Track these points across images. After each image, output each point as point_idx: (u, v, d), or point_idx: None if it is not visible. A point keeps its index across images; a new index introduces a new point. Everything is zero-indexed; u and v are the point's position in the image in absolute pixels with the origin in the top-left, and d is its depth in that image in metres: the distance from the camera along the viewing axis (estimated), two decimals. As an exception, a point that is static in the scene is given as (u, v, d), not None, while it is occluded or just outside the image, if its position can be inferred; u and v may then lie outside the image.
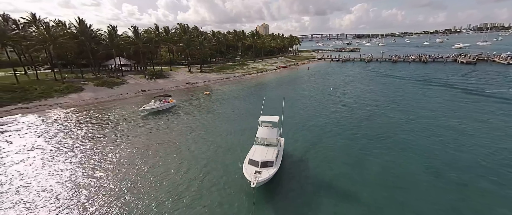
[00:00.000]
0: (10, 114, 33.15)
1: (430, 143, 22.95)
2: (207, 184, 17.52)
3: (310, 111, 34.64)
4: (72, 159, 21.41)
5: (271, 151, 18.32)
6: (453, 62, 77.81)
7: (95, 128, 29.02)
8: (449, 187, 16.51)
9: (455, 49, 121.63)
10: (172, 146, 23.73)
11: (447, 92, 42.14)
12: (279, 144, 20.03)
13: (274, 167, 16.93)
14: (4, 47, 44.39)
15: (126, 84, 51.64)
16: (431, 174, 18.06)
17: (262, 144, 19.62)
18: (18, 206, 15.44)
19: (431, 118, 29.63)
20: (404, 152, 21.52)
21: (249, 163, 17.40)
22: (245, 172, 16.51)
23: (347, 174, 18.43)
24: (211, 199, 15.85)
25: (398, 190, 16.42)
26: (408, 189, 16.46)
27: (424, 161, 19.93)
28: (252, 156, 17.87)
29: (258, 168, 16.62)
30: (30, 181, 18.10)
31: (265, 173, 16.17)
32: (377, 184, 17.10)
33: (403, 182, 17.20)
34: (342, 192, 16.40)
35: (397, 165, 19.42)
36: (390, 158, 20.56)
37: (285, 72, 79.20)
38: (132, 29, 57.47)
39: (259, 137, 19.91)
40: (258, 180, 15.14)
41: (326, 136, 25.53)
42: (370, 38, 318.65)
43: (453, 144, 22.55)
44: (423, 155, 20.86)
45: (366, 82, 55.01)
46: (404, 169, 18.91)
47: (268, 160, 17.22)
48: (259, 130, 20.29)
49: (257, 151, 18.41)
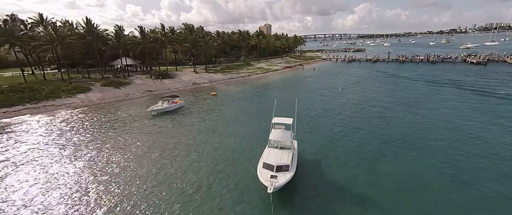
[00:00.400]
0: (19, 114, 33.11)
1: (447, 146, 22.22)
2: (219, 187, 17.10)
3: (320, 111, 34.03)
4: (82, 160, 21.14)
5: (286, 154, 17.75)
6: (463, 63, 76.40)
7: (103, 128, 28.79)
8: (469, 191, 15.91)
9: (463, 49, 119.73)
10: (182, 148, 23.34)
11: (459, 93, 41.21)
12: (293, 146, 19.49)
13: (290, 172, 16.39)
14: (12, 47, 44.48)
15: (133, 85, 51.51)
16: (450, 178, 17.45)
17: (275, 146, 19.05)
18: (28, 206, 15.16)
19: (445, 119, 28.85)
20: (420, 154, 20.86)
21: (264, 167, 16.85)
22: (260, 176, 16.00)
23: (364, 177, 17.87)
24: (225, 203, 15.40)
25: (416, 194, 15.86)
26: (426, 194, 15.87)
27: (442, 164, 19.26)
28: (266, 159, 17.31)
29: (274, 172, 16.08)
30: (40, 181, 17.85)
31: (281, 177, 15.63)
32: (395, 188, 16.53)
33: (421, 186, 16.61)
34: (360, 196, 15.81)
35: (414, 168, 18.80)
36: (406, 160, 19.96)
37: (291, 72, 78.59)
38: (139, 29, 57.34)
39: (272, 140, 19.35)
40: (275, 185, 14.62)
41: (338, 137, 24.94)
42: (374, 38, 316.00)
43: (470, 147, 21.81)
44: (440, 158, 20.16)
45: (375, 82, 54.16)
46: (421, 172, 18.29)
47: (284, 163, 16.67)
48: (272, 132, 19.73)
49: (271, 154, 17.84)
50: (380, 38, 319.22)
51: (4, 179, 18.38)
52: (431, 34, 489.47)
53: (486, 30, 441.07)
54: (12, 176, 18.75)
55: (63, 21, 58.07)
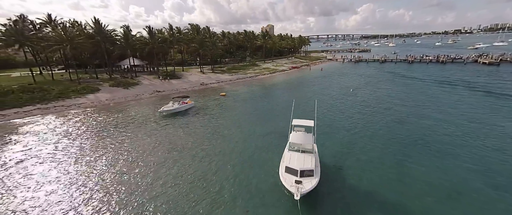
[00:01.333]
0: (30, 115, 32.83)
1: (475, 149, 21.34)
2: (240, 190, 16.46)
3: (333, 112, 33.27)
4: (96, 160, 20.65)
5: (309, 159, 17.01)
6: (474, 63, 74.96)
7: (115, 129, 28.34)
8: (504, 197, 15.07)
9: (472, 49, 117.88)
10: (196, 149, 22.73)
11: (475, 95, 40.10)
12: (314, 150, 18.78)
13: (316, 177, 15.66)
14: (22, 48, 44.38)
15: (141, 85, 51.20)
16: (483, 184, 16.58)
17: (296, 150, 18.33)
18: (40, 205, 14.68)
19: (467, 121, 27.91)
20: (446, 158, 20.02)
21: (287, 171, 16.14)
22: (284, 182, 15.31)
23: (390, 182, 17.11)
24: (249, 207, 14.75)
25: (449, 200, 15.08)
26: (459, 200, 15.10)
27: (471, 169, 18.42)
28: (288, 163, 16.57)
29: (298, 177, 15.38)
30: (52, 180, 17.43)
31: (307, 183, 14.88)
32: (424, 193, 15.76)
33: (453, 192, 15.82)
34: (389, 202, 15.06)
35: (442, 173, 17.97)
36: (432, 164, 19.13)
37: (298, 73, 77.82)
38: (147, 29, 57.06)
39: (292, 142, 18.67)
40: (301, 192, 13.93)
41: (356, 140, 24.16)
42: (379, 38, 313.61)
43: (500, 151, 20.91)
44: (468, 162, 19.32)
45: (386, 83, 53.17)
46: (450, 177, 17.46)
47: (308, 168, 15.95)
48: (292, 135, 19.04)
49: (293, 158, 17.08)
50: (385, 39, 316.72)
51: (17, 178, 17.95)
52: (436, 34, 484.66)
53: (491, 30, 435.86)
54: (26, 177, 18.30)
55: (71, 21, 58.03)
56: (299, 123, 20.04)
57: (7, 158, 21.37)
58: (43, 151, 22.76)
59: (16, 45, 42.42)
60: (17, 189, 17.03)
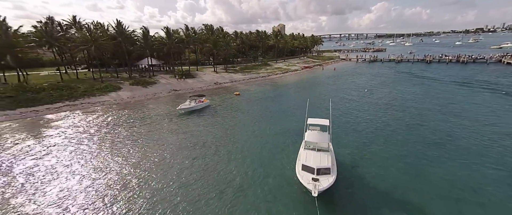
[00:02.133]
0: (60, 111, 35.38)
1: (497, 152, 20.91)
2: (258, 187, 17.17)
3: (348, 112, 33.32)
4: (119, 153, 22.17)
5: (325, 157, 17.47)
6: (498, 63, 71.63)
7: (136, 125, 30.00)
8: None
9: (495, 49, 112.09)
10: (212, 146, 23.72)
11: (499, 96, 38.65)
12: (330, 148, 19.20)
13: (332, 175, 16.10)
14: (51, 48, 47.50)
15: (159, 84, 53.23)
16: (505, 184, 16.39)
17: (312, 148, 18.78)
18: (70, 195, 16.16)
19: (489, 124, 27.12)
20: (467, 160, 19.78)
21: (303, 169, 16.65)
22: (301, 179, 15.81)
23: (407, 182, 17.23)
24: (267, 204, 15.47)
25: (468, 202, 15.07)
26: (479, 201, 15.04)
27: (491, 171, 18.17)
28: (305, 161, 17.07)
29: (315, 175, 15.89)
30: (83, 173, 19.00)
31: (324, 181, 15.37)
32: (444, 195, 15.78)
33: (476, 195, 15.71)
34: (407, 202, 15.25)
35: (461, 174, 17.87)
36: (453, 167, 18.97)
37: (310, 73, 77.64)
38: (165, 30, 59.17)
39: (308, 141, 19.16)
40: (319, 189, 14.41)
41: (372, 140, 24.25)
42: (394, 38, 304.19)
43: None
44: (489, 165, 19.02)
45: (402, 84, 52.12)
46: (471, 178, 17.34)
47: (324, 166, 16.41)
48: (308, 133, 19.51)
49: (310, 156, 17.56)
50: (400, 38, 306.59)
51: (51, 170, 19.70)
52: (455, 33, 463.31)
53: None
54: (57, 167, 20.04)
55: (95, 23, 61.18)
56: (315, 122, 20.48)
57: (41, 150, 23.37)
58: (72, 144, 24.66)
59: (46, 45, 45.44)
60: (50, 178, 18.74)
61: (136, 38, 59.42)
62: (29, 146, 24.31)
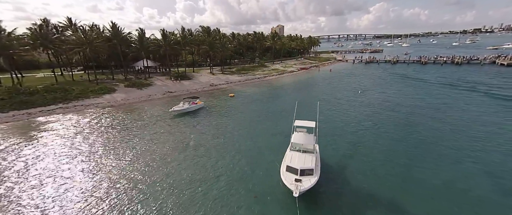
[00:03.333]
0: (53, 113, 35.46)
1: (481, 153, 21.19)
2: (241, 188, 17.39)
3: (339, 114, 33.61)
4: (111, 156, 22.30)
5: (309, 158, 17.75)
6: (492, 64, 72.15)
7: (129, 127, 30.17)
8: None
9: (491, 50, 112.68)
10: (203, 148, 23.92)
11: (493, 99, 38.91)
12: (315, 150, 19.46)
13: (315, 176, 16.38)
14: (46, 50, 47.63)
15: (154, 86, 53.42)
16: (489, 187, 16.65)
17: (298, 150, 19.09)
18: (57, 199, 16.31)
19: (475, 125, 27.47)
20: (452, 162, 20.07)
21: (287, 170, 16.94)
22: (284, 180, 16.07)
23: (392, 184, 17.48)
24: (248, 205, 15.69)
25: (451, 203, 15.28)
26: (462, 204, 15.27)
27: (479, 173, 18.44)
28: (289, 162, 17.37)
29: (298, 176, 16.16)
30: (73, 177, 19.10)
31: (306, 181, 15.65)
32: (428, 196, 16.03)
33: (463, 198, 15.92)
34: (389, 204, 15.50)
35: (447, 176, 18.10)
36: (437, 168, 19.26)
37: (306, 74, 77.98)
38: (161, 32, 59.43)
39: (294, 143, 19.43)
40: (300, 189, 14.66)
41: (361, 141, 24.54)
42: (392, 38, 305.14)
43: (509, 155, 20.66)
44: (476, 167, 19.31)
45: (396, 85, 52.51)
46: (456, 181, 17.57)
47: (308, 167, 16.69)
48: (294, 135, 19.80)
49: (294, 158, 17.87)
50: (398, 39, 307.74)
51: (40, 172, 19.85)
52: (453, 34, 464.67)
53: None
54: (47, 171, 20.19)
55: (91, 25, 61.35)
56: (301, 124, 20.77)
57: (30, 153, 23.50)
58: (63, 147, 24.79)
59: (41, 47, 45.58)
60: (38, 182, 18.89)
61: (132, 40, 59.57)
62: (20, 148, 24.46)
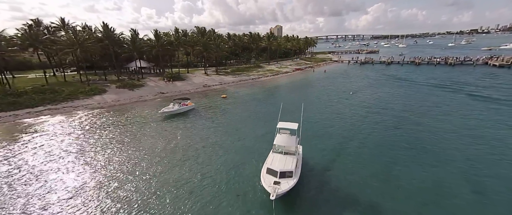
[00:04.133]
0: (41, 115, 35.10)
1: (470, 156, 21.16)
2: (222, 191, 17.30)
3: (329, 115, 33.58)
4: (96, 160, 22.08)
5: (290, 160, 17.70)
6: (484, 65, 72.61)
7: (116, 129, 29.94)
8: (488, 203, 15.19)
9: (485, 51, 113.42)
10: (190, 150, 23.79)
11: (481, 100, 39.07)
12: (297, 152, 19.39)
13: (294, 178, 16.35)
14: (36, 51, 47.23)
15: (146, 87, 53.14)
16: (475, 191, 16.65)
17: (280, 152, 19.02)
18: (42, 203, 16.06)
19: (463, 128, 27.53)
20: (436, 164, 20.07)
21: (267, 173, 16.91)
22: (264, 182, 16.04)
23: (373, 186, 17.48)
24: (227, 208, 15.57)
25: (432, 205, 15.28)
26: (441, 205, 15.25)
27: (460, 175, 18.45)
28: (270, 164, 17.34)
29: (277, 178, 16.11)
30: (56, 179, 18.87)
31: (284, 184, 15.60)
32: (408, 198, 16.03)
33: (442, 199, 15.95)
34: (368, 205, 15.47)
35: (429, 178, 18.13)
36: (424, 171, 19.23)
37: (301, 75, 77.98)
38: (154, 32, 59.21)
39: (276, 145, 19.35)
40: (277, 192, 14.62)
41: (347, 143, 24.50)
42: (389, 39, 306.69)
43: (497, 158, 20.68)
44: (458, 168, 19.33)
45: (388, 86, 52.64)
46: (443, 184, 17.51)
47: (288, 169, 16.65)
48: (277, 137, 19.73)
49: (275, 160, 17.84)
50: (396, 39, 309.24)
51: (24, 178, 19.58)
52: (450, 34, 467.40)
53: (511, 30, 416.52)
54: (30, 175, 19.92)
55: (83, 25, 61.01)
56: (284, 126, 20.67)
57: (13, 155, 23.21)
58: (48, 148, 24.54)
59: (30, 48, 45.18)
60: (22, 185, 18.64)
61: (124, 40, 59.28)
62: (2, 150, 24.15)
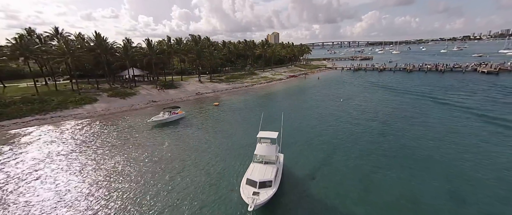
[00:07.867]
0: (28, 125, 34.70)
1: (447, 165, 21.36)
2: (201, 203, 17.15)
3: (316, 123, 33.74)
4: (81, 170, 21.80)
5: (270, 170, 17.72)
6: (473, 72, 73.97)
7: (105, 139, 29.67)
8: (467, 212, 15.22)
9: (476, 57, 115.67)
10: (176, 160, 23.60)
11: (468, 109, 39.56)
12: (278, 161, 19.38)
13: (273, 188, 16.34)
14: (27, 60, 47.11)
15: (138, 95, 53.01)
16: (454, 201, 16.73)
17: (260, 161, 19.04)
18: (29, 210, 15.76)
19: (447, 137, 27.75)
20: (418, 173, 20.17)
21: (247, 183, 16.88)
22: (243, 193, 15.96)
23: (354, 194, 17.53)
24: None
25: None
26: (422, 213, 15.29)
27: (441, 183, 18.56)
28: (250, 175, 17.33)
29: (256, 189, 16.07)
30: (40, 191, 18.55)
31: (263, 194, 15.57)
32: (388, 207, 16.04)
33: (421, 208, 15.99)
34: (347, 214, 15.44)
35: (414, 188, 18.18)
36: (406, 179, 19.31)
37: (295, 82, 78.55)
38: (146, 41, 59.56)
39: (257, 154, 19.37)
40: (256, 203, 14.61)
41: (332, 152, 24.52)
42: (383, 45, 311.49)
43: (480, 167, 20.83)
44: (439, 177, 19.43)
45: (378, 93, 53.21)
46: (418, 191, 17.65)
47: (267, 179, 16.65)
48: (258, 147, 19.71)
49: (255, 170, 17.85)
50: (390, 45, 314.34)
51: (8, 188, 19.22)
52: (443, 41, 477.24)
53: (502, 36, 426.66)
54: (15, 185, 19.56)
55: (76, 34, 61.16)
56: (265, 135, 20.68)
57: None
58: (33, 159, 24.16)
59: (20, 58, 45.06)
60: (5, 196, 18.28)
61: (117, 49, 59.48)
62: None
